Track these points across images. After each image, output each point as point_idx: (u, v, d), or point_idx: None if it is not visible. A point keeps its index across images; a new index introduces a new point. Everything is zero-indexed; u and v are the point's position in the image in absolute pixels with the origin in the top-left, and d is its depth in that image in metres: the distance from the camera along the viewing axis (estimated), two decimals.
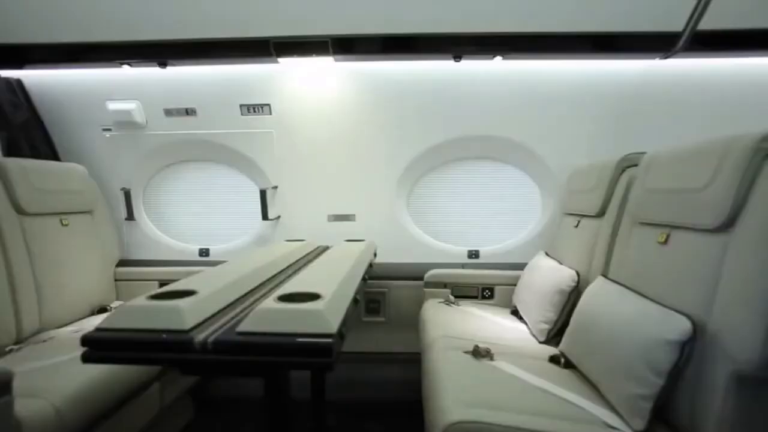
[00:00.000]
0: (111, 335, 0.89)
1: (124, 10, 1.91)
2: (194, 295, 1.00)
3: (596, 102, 2.18)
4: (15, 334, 1.75)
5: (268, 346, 0.86)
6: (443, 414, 1.10)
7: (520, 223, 2.49)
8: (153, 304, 0.94)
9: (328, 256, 1.66)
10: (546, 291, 1.80)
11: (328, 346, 0.84)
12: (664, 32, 1.85)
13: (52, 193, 2.01)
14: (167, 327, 0.90)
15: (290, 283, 1.17)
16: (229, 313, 1.05)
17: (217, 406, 2.24)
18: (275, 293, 1.05)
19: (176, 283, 1.16)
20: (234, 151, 2.38)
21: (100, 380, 1.39)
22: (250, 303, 1.14)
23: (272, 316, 0.90)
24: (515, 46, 1.93)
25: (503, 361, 1.46)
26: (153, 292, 1.05)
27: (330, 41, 1.88)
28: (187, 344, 0.87)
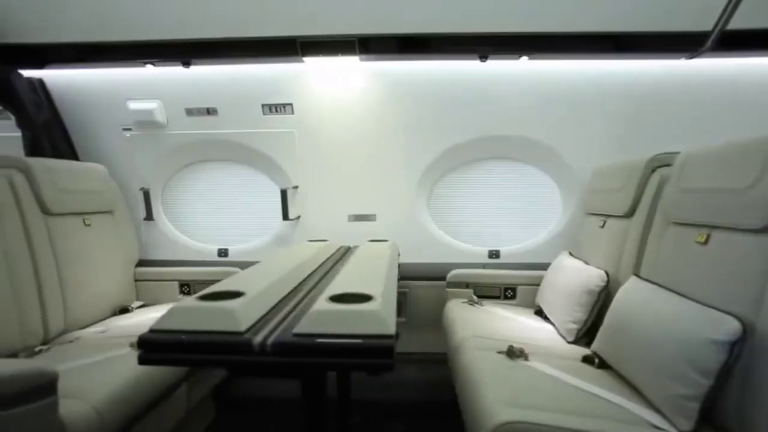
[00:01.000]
0: (169, 337, 0.88)
1: (147, 9, 1.90)
2: (243, 297, 1.00)
3: (619, 102, 2.18)
4: (42, 335, 1.75)
5: (327, 347, 0.85)
6: (489, 414, 1.10)
7: (539, 223, 2.48)
8: (206, 306, 0.93)
9: (359, 256, 1.66)
10: (573, 291, 1.80)
11: (388, 347, 0.83)
12: (690, 32, 1.84)
13: (75, 193, 2.00)
14: (222, 329, 0.89)
15: (335, 283, 1.16)
16: (277, 314, 1.05)
17: (238, 406, 2.24)
18: (324, 294, 1.05)
19: (218, 284, 1.15)
20: (254, 150, 2.38)
21: (134, 381, 1.38)
22: (295, 303, 1.14)
23: (328, 317, 0.90)
24: (541, 46, 1.93)
25: (537, 361, 1.46)
26: (200, 293, 1.05)
27: (357, 41, 1.87)
28: (246, 346, 0.86)
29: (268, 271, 1.32)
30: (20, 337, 1.63)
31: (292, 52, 1.93)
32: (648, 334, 1.25)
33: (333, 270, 1.59)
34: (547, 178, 2.45)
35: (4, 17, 1.93)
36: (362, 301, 0.97)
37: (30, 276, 1.73)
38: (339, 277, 1.27)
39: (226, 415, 2.15)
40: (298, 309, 1.10)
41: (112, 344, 1.62)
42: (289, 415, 2.15)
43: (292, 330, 0.91)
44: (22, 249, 1.72)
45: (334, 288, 1.10)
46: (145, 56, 2.06)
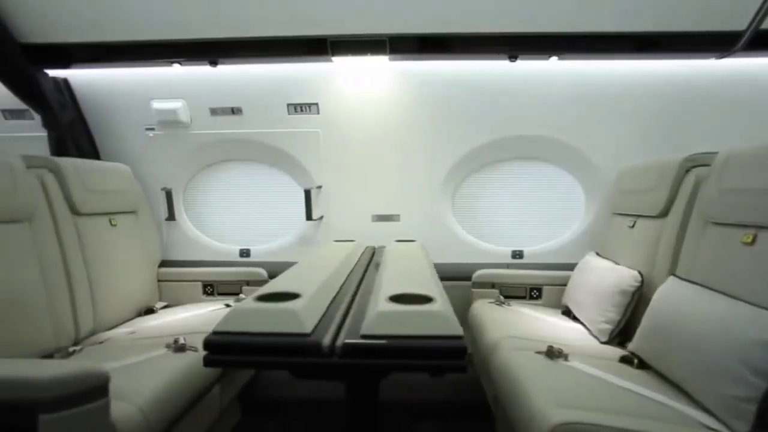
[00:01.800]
0: (236, 339, 0.87)
1: (175, 9, 1.89)
2: (301, 298, 0.99)
3: (646, 102, 2.18)
4: (73, 336, 1.74)
5: (399, 349, 0.85)
6: (543, 415, 1.09)
7: (563, 223, 2.48)
8: (269, 307, 0.92)
9: (395, 256, 1.65)
10: (605, 291, 1.79)
11: (461, 348, 0.83)
12: (722, 32, 1.84)
13: (101, 193, 2.00)
14: (287, 330, 0.89)
15: (384, 283, 1.16)
16: (333, 315, 1.04)
17: (262, 407, 2.23)
18: (380, 294, 1.04)
19: (267, 286, 1.14)
20: (279, 150, 2.37)
21: (174, 382, 1.38)
22: (347, 304, 1.13)
23: (394, 318, 0.89)
24: (571, 46, 1.92)
25: (576, 361, 1.45)
26: (255, 294, 1.04)
27: (388, 40, 1.87)
28: (314, 348, 0.85)
29: (310, 272, 1.31)
30: (54, 337, 1.62)
31: (321, 52, 1.93)
32: (695, 334, 1.25)
33: (372, 270, 1.59)
34: (571, 178, 2.45)
35: (30, 17, 1.93)
36: (423, 302, 0.96)
37: (62, 276, 1.72)
38: (385, 277, 1.26)
39: (251, 416, 2.14)
40: (353, 310, 1.09)
41: (147, 345, 1.61)
42: (312, 415, 2.14)
43: (358, 331, 0.90)
44: (54, 249, 1.71)
45: (387, 288, 1.09)
46: (172, 55, 2.05)
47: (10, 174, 1.55)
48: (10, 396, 0.98)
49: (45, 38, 2.00)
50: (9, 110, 2.31)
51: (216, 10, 1.88)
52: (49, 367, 0.99)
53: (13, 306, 1.47)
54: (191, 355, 1.52)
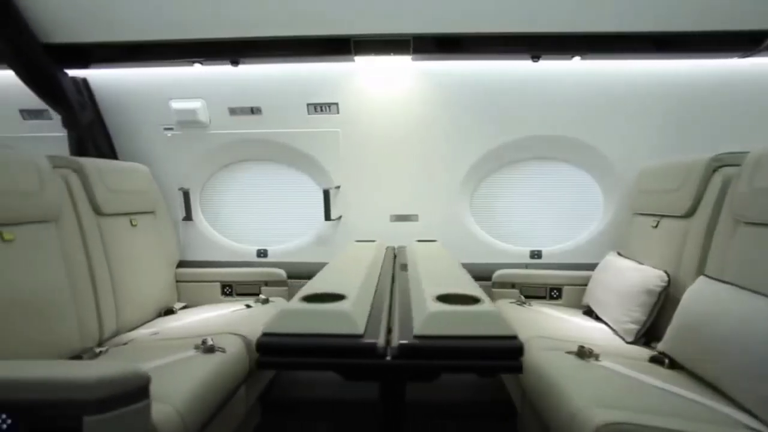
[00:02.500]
0: (292, 341, 0.86)
1: (195, 8, 1.89)
2: (348, 299, 0.98)
3: (666, 102, 2.18)
4: (98, 337, 1.74)
5: (453, 349, 0.84)
6: (584, 416, 1.09)
7: (581, 223, 2.48)
8: (320, 308, 0.92)
9: (421, 256, 1.65)
10: (630, 291, 1.79)
11: (517, 348, 0.82)
12: (746, 31, 1.84)
13: (122, 193, 1.99)
14: (339, 331, 0.88)
15: (423, 283, 1.15)
16: (379, 315, 1.03)
17: (281, 407, 2.23)
18: (423, 294, 1.04)
19: (305, 287, 1.13)
20: (297, 150, 2.36)
21: (207, 383, 1.37)
22: (389, 304, 1.13)
23: (446, 318, 0.89)
24: (594, 46, 1.92)
25: (607, 361, 1.45)
26: (300, 294, 1.03)
27: (412, 40, 1.86)
28: (369, 349, 0.85)
29: (344, 273, 1.30)
30: (79, 338, 1.62)
31: (343, 51, 1.92)
32: (731, 334, 1.25)
33: (400, 270, 1.58)
34: (589, 178, 2.44)
35: (51, 17, 1.92)
36: (471, 302, 0.96)
37: (86, 277, 1.72)
38: (422, 276, 1.25)
39: (272, 417, 2.14)
40: (397, 310, 1.08)
41: (174, 346, 1.60)
42: (332, 415, 2.14)
43: (409, 332, 0.90)
44: (79, 249, 1.71)
45: (428, 288, 1.08)
46: (192, 55, 2.05)
47: (37, 174, 1.54)
48: (57, 397, 0.97)
49: (65, 38, 1.99)
50: (27, 110, 2.30)
51: (237, 9, 1.88)
52: (93, 369, 0.99)
53: (42, 306, 1.47)
54: (220, 356, 1.52)
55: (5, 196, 1.41)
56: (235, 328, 1.78)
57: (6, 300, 1.35)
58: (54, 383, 0.97)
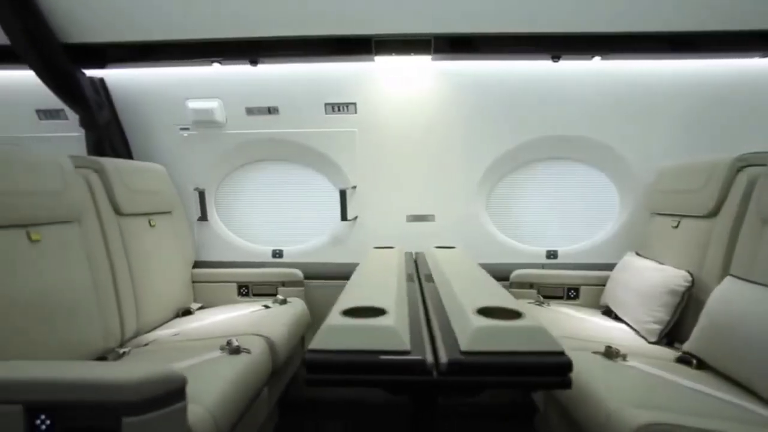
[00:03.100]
0: (340, 358, 0.85)
1: (215, 7, 1.88)
2: (390, 313, 0.97)
3: (685, 101, 2.17)
4: (119, 337, 1.73)
5: (503, 365, 0.83)
6: (620, 416, 1.08)
7: (596, 223, 2.48)
8: (366, 324, 0.90)
9: (445, 265, 1.63)
10: (652, 292, 1.79)
11: (565, 364, 0.82)
12: (765, 30, 1.84)
13: (141, 193, 1.98)
14: (387, 347, 0.87)
15: (456, 295, 1.14)
16: (419, 329, 1.02)
17: (299, 407, 2.22)
18: (463, 308, 1.02)
19: (341, 301, 1.12)
20: (314, 150, 2.36)
21: (235, 385, 1.37)
22: (425, 317, 1.12)
23: (493, 333, 0.88)
24: (615, 46, 1.92)
25: (635, 361, 1.45)
26: (338, 308, 1.02)
27: (433, 40, 1.86)
28: (419, 366, 0.84)
29: (374, 284, 1.30)
30: (102, 339, 1.61)
31: (364, 51, 1.92)
32: (762, 334, 1.24)
33: (428, 280, 1.57)
34: (604, 178, 2.44)
35: (69, 17, 1.91)
36: (512, 316, 0.95)
37: (108, 277, 1.71)
38: (453, 287, 1.24)
39: (290, 417, 2.13)
40: (436, 323, 1.07)
41: (198, 347, 1.60)
42: (349, 415, 2.14)
43: (454, 347, 0.89)
44: (101, 250, 1.70)
45: (465, 301, 1.07)
46: (211, 55, 2.04)
47: (61, 174, 1.53)
48: (96, 398, 0.96)
49: (83, 38, 1.98)
50: (44, 110, 2.29)
51: (257, 9, 1.87)
52: (132, 370, 0.98)
53: (68, 307, 1.46)
54: (245, 357, 1.51)
55: (33, 196, 1.40)
56: (257, 328, 1.77)
57: (35, 300, 1.34)
58: (94, 384, 0.97)
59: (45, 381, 0.98)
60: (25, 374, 0.99)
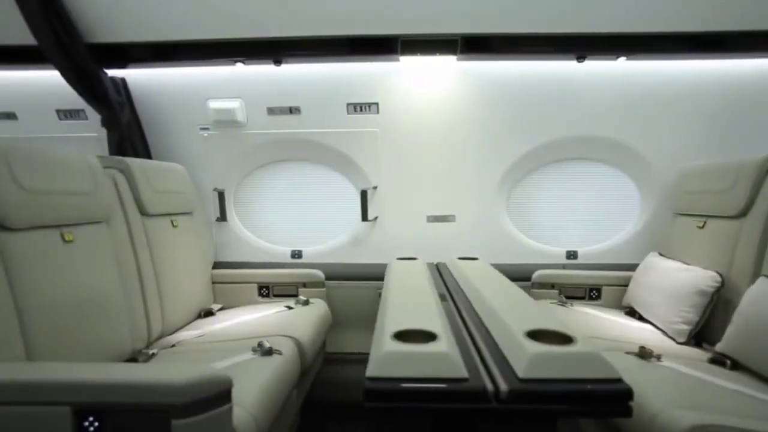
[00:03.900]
0: (400, 387, 0.85)
1: (238, 7, 1.87)
2: (441, 338, 0.97)
3: (708, 102, 2.17)
4: (146, 338, 1.72)
5: (562, 394, 0.83)
6: (666, 417, 1.08)
7: (616, 224, 2.47)
8: (422, 351, 0.90)
9: (473, 279, 1.63)
10: (680, 292, 1.79)
11: (626, 392, 0.81)
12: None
13: (164, 194, 1.97)
14: (444, 375, 0.87)
15: (503, 314, 1.14)
16: (470, 353, 1.02)
17: (321, 409, 2.21)
18: (511, 330, 1.02)
19: (387, 322, 1.12)
20: (335, 150, 2.35)
21: (270, 386, 1.36)
22: (469, 339, 1.12)
23: (549, 360, 0.87)
24: (640, 47, 1.92)
25: (669, 362, 1.44)
26: (389, 331, 1.02)
27: (460, 40, 1.85)
28: (481, 394, 0.83)
29: (411, 303, 1.29)
30: (130, 340, 1.60)
31: (389, 51, 1.91)
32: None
33: (458, 294, 1.56)
34: (625, 178, 2.44)
35: (94, 16, 1.90)
36: (565, 341, 0.94)
37: (135, 278, 1.70)
38: (492, 306, 1.23)
39: (312, 418, 2.12)
40: (484, 347, 1.06)
41: (228, 348, 1.59)
42: (369, 415, 2.13)
43: (510, 373, 0.88)
44: (128, 250, 1.70)
45: (509, 322, 1.07)
46: (234, 54, 2.03)
47: (91, 174, 1.53)
48: (145, 400, 0.96)
49: (106, 38, 1.97)
50: (63, 110, 2.28)
51: (281, 8, 1.87)
52: (181, 372, 0.98)
53: (100, 308, 1.45)
54: (277, 358, 1.50)
55: (66, 196, 1.39)
56: (284, 330, 1.76)
57: (70, 301, 1.33)
58: (143, 386, 0.96)
59: (94, 383, 0.97)
60: (74, 376, 0.98)
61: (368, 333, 2.38)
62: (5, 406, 0.98)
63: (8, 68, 2.17)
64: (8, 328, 1.14)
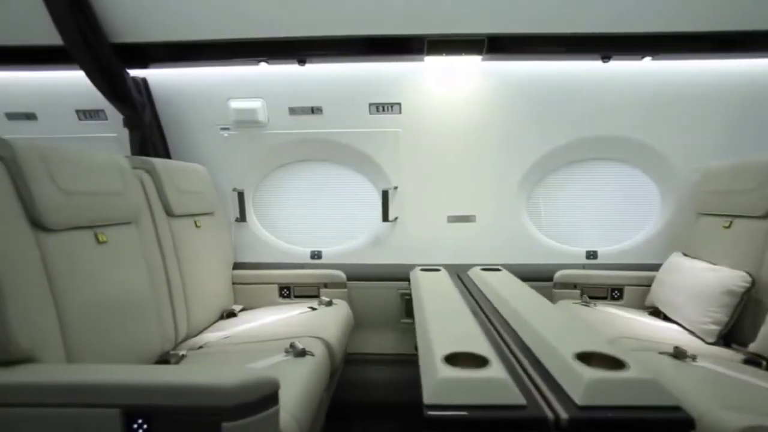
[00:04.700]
0: (461, 416, 0.84)
1: (261, 6, 1.87)
2: (493, 362, 0.96)
3: (729, 101, 2.17)
4: (174, 340, 1.71)
5: (622, 422, 0.83)
6: (713, 418, 1.07)
7: (636, 224, 2.47)
8: (478, 377, 0.90)
9: (503, 293, 1.62)
10: (708, 293, 1.78)
11: (687, 421, 0.81)
12: None
13: (188, 194, 1.96)
14: (503, 402, 0.86)
15: (546, 334, 1.13)
16: (520, 378, 1.01)
17: (345, 409, 2.20)
18: (559, 352, 1.01)
19: (433, 343, 1.10)
20: (356, 150, 2.34)
21: (306, 388, 1.35)
22: (515, 360, 1.11)
23: (605, 386, 0.87)
24: (666, 46, 1.91)
25: (704, 362, 1.44)
26: (436, 353, 1.01)
27: (486, 40, 1.85)
28: (540, 423, 0.83)
29: (451, 321, 1.29)
30: (160, 341, 1.59)
31: (416, 51, 1.90)
32: None
33: (494, 312, 1.56)
34: (645, 178, 2.43)
35: (118, 16, 1.89)
36: (617, 365, 0.94)
37: (163, 279, 1.69)
38: (533, 325, 1.23)
39: (335, 420, 2.12)
40: (533, 371, 1.06)
41: (259, 350, 1.58)
42: (392, 416, 2.12)
43: (567, 399, 0.88)
44: (155, 252, 1.69)
45: (553, 340, 1.07)
46: (258, 54, 2.02)
47: (121, 175, 1.52)
48: (196, 403, 0.95)
49: (129, 38, 1.96)
50: (83, 111, 2.27)
51: (306, 7, 1.86)
52: (231, 375, 0.97)
53: (132, 309, 1.44)
54: (310, 360, 1.50)
55: (99, 196, 1.38)
56: (312, 331, 1.76)
57: (104, 302, 1.33)
58: (194, 388, 0.95)
59: (144, 385, 0.96)
60: (124, 378, 0.98)
61: (389, 334, 2.40)
62: (55, 408, 0.98)
63: (29, 69, 2.16)
64: (50, 330, 1.13)
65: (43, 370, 1.04)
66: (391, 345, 2.39)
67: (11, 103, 2.28)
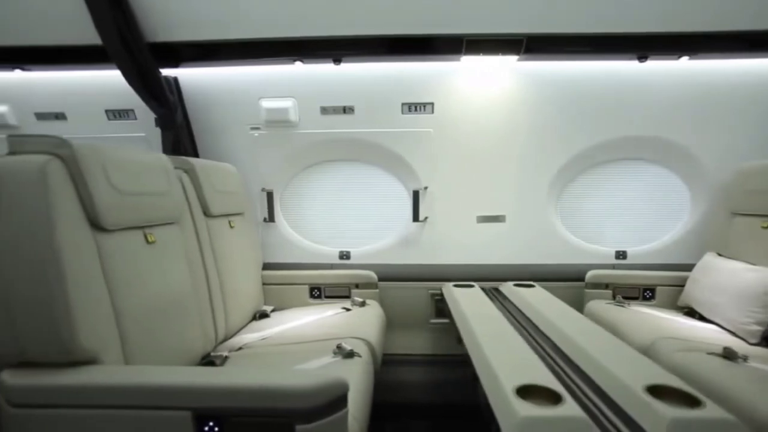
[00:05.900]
0: None
1: (298, 5, 1.85)
2: (567, 400, 0.96)
3: (765, 101, 2.16)
4: (214, 341, 1.70)
5: None
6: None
7: (665, 224, 2.46)
8: (559, 417, 0.90)
9: (545, 314, 1.62)
10: (750, 293, 1.77)
11: None
12: None
13: (223, 194, 1.95)
14: None
15: (603, 361, 1.14)
16: (594, 414, 1.00)
17: (380, 413, 2.19)
18: (621, 383, 1.01)
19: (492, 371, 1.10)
20: (387, 150, 2.33)
21: (362, 389, 1.35)
22: (579, 391, 1.11)
23: (686, 426, 0.87)
24: (702, 46, 1.91)
25: (756, 363, 1.43)
26: (507, 384, 1.01)
27: (525, 40, 1.84)
28: None
29: (499, 345, 1.29)
30: (202, 342, 1.58)
31: (453, 51, 1.89)
32: None
33: (538, 332, 1.56)
34: (675, 178, 2.42)
35: (153, 16, 1.88)
36: (690, 402, 0.93)
37: (203, 280, 1.68)
38: (588, 352, 1.23)
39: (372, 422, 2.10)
40: (601, 403, 1.05)
41: (305, 351, 1.57)
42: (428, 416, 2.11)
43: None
44: (196, 252, 1.67)
45: (614, 370, 1.07)
46: (292, 53, 2.01)
47: (165, 175, 1.50)
48: (269, 405, 0.94)
49: (164, 37, 1.95)
50: (113, 110, 2.26)
51: (343, 6, 1.85)
52: (304, 377, 0.96)
53: (178, 310, 1.43)
54: (358, 361, 1.49)
55: (147, 197, 1.37)
56: (352, 332, 1.75)
57: (155, 303, 1.31)
58: (267, 391, 0.94)
59: (215, 387, 0.95)
60: (196, 380, 0.96)
61: (420, 334, 2.39)
62: (122, 410, 0.97)
63: (60, 68, 2.14)
64: (110, 331, 1.12)
65: (110, 371, 1.04)
66: (421, 345, 2.38)
67: (41, 104, 2.27)
